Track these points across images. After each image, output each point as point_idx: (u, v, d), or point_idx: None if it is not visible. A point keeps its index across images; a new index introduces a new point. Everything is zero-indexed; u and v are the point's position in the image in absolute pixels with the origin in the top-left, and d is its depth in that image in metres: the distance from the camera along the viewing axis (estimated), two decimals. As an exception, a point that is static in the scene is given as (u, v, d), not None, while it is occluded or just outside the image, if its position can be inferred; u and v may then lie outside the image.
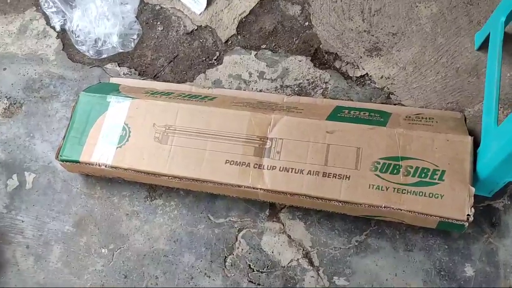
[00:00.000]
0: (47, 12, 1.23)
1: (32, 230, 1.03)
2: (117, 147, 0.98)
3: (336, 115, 0.96)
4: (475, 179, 0.88)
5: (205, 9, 1.20)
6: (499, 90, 0.88)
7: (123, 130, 0.99)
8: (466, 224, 0.82)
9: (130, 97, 1.02)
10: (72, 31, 1.19)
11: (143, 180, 1.00)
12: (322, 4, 1.15)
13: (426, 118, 0.96)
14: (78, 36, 1.18)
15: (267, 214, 0.99)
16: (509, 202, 0.93)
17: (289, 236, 0.96)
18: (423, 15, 1.10)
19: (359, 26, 1.12)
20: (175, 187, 1.01)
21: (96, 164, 0.97)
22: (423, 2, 1.11)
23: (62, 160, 1.00)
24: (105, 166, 0.97)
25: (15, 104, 1.16)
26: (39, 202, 1.06)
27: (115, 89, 1.07)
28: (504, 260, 0.89)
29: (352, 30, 1.12)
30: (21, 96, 1.17)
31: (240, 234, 0.98)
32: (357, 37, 1.11)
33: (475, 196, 0.88)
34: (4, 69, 1.20)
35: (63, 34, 1.22)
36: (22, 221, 1.04)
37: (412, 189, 0.86)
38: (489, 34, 0.98)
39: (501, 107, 0.99)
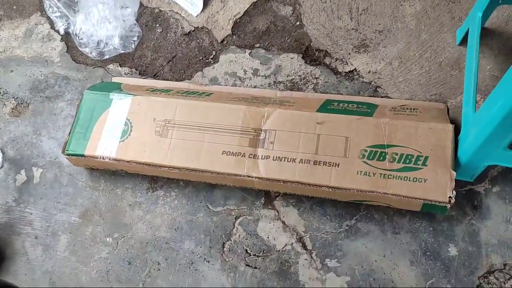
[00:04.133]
0: (51, 17, 1.29)
1: (40, 221, 1.09)
2: (120, 141, 1.03)
3: (326, 107, 1.02)
4: (457, 164, 0.93)
5: (202, 11, 1.26)
6: (476, 80, 0.93)
7: (125, 125, 1.04)
8: (448, 205, 0.87)
9: (132, 94, 1.07)
10: (75, 34, 1.25)
11: (145, 172, 1.06)
12: (312, 4, 1.21)
13: (410, 109, 1.01)
14: (82, 39, 1.24)
15: (263, 202, 1.04)
16: (489, 186, 0.98)
17: (283, 222, 1.02)
18: (407, 13, 1.17)
19: (348, 24, 1.18)
20: (175, 178, 1.07)
21: (100, 157, 1.03)
22: (407, 0, 1.18)
23: (68, 154, 1.05)
24: (109, 159, 1.02)
25: (22, 104, 1.22)
26: (46, 195, 1.11)
27: (117, 88, 1.12)
28: (486, 240, 0.94)
29: (341, 28, 1.18)
30: (28, 96, 1.22)
31: (237, 221, 1.03)
32: (346, 35, 1.17)
33: (458, 181, 0.94)
34: (11, 71, 1.26)
35: (67, 37, 1.28)
36: (31, 213, 1.10)
37: (398, 174, 0.91)
38: (468, 30, 1.04)
39: (481, 98, 1.05)
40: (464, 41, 1.09)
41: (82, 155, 1.04)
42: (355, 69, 1.14)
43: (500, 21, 1.10)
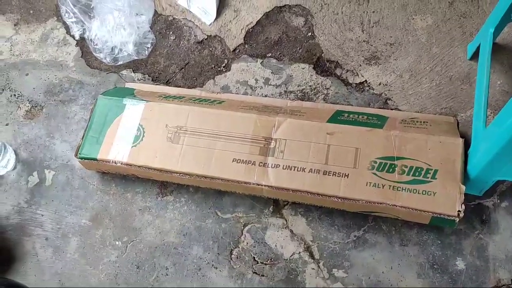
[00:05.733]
0: (67, 22, 1.31)
1: (51, 223, 1.10)
2: (132, 146, 1.04)
3: (336, 118, 1.03)
4: (466, 178, 0.93)
5: (215, 20, 1.28)
6: (487, 95, 0.94)
7: (137, 130, 1.06)
8: (457, 219, 0.88)
9: (145, 100, 1.09)
10: (90, 39, 1.27)
11: (156, 177, 1.07)
12: (324, 16, 1.23)
13: (420, 122, 1.02)
14: (96, 44, 1.26)
15: (271, 210, 1.05)
16: (498, 201, 0.98)
17: (291, 231, 1.02)
18: (419, 26, 1.18)
19: (359, 36, 1.19)
20: (185, 184, 1.08)
21: (112, 162, 1.04)
22: (419, 14, 1.19)
23: (81, 158, 1.07)
24: (121, 163, 1.03)
25: (36, 107, 1.24)
26: (58, 197, 1.12)
27: (130, 93, 1.14)
28: (493, 254, 0.94)
29: (352, 40, 1.19)
30: (42, 99, 1.24)
31: (246, 229, 1.04)
32: (357, 47, 1.18)
33: (467, 195, 0.94)
34: (27, 74, 1.28)
35: (82, 42, 1.31)
36: (42, 215, 1.11)
37: (407, 186, 0.91)
38: (480, 45, 1.05)
39: (491, 112, 1.05)
40: (475, 56, 1.10)
41: (95, 159, 1.05)
42: (365, 80, 1.15)
43: (511, 37, 1.11)
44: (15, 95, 1.26)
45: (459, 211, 0.87)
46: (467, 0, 1.18)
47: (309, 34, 1.22)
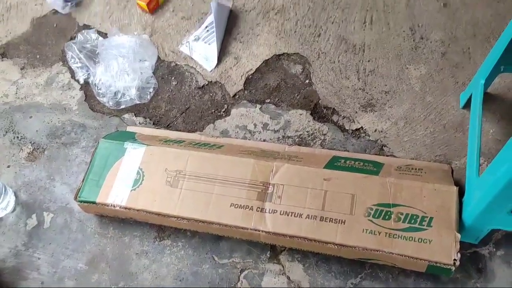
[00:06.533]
0: (72, 67, 1.35)
1: (47, 267, 1.09)
2: (131, 190, 1.06)
3: (333, 164, 1.05)
4: (461, 226, 0.94)
5: (216, 66, 1.32)
6: (480, 144, 0.96)
7: (137, 174, 1.07)
8: (453, 268, 0.88)
9: (145, 144, 1.11)
10: (94, 84, 1.31)
11: (154, 221, 1.07)
12: (321, 64, 1.27)
13: (415, 169, 1.04)
14: (100, 89, 1.30)
15: (268, 256, 1.05)
16: (494, 249, 0.99)
17: (288, 278, 1.02)
18: (413, 76, 1.22)
19: (355, 84, 1.23)
20: (182, 229, 1.08)
21: (111, 205, 1.05)
22: (412, 64, 1.23)
23: (80, 201, 1.07)
24: (120, 207, 1.04)
25: (38, 149, 1.26)
26: (56, 240, 1.12)
27: (131, 137, 1.17)
28: (491, 304, 0.94)
29: (348, 87, 1.23)
30: (45, 141, 1.27)
31: (242, 275, 1.03)
32: (353, 94, 1.22)
33: (463, 243, 0.95)
34: (30, 117, 1.31)
35: (86, 86, 1.34)
36: (39, 258, 1.11)
37: (403, 234, 0.92)
38: (472, 94, 1.08)
39: (484, 160, 1.07)
40: (467, 105, 1.13)
41: (94, 202, 1.06)
42: (361, 127, 1.18)
43: (502, 87, 1.15)
44: (18, 137, 1.28)
45: (454, 259, 0.88)
46: (459, 51, 1.23)
47: (307, 81, 1.26)
